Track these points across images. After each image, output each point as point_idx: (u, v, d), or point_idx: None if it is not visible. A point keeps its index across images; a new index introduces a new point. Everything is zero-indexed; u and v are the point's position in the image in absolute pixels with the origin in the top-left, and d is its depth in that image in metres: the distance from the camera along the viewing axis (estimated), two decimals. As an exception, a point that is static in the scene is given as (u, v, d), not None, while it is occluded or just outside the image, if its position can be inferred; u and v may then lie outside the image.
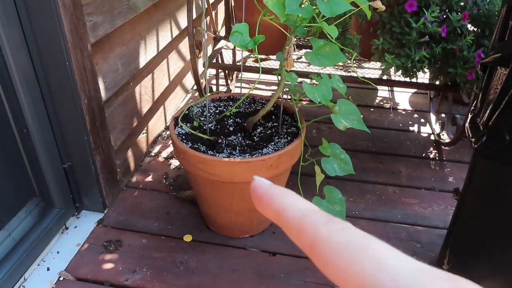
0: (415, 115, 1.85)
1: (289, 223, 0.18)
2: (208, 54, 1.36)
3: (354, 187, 1.42)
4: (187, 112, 1.18)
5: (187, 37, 1.82)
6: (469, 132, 0.82)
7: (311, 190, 1.28)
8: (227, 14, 1.62)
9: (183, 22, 1.71)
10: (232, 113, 1.21)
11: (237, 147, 1.11)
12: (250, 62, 2.22)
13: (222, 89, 1.86)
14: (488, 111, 0.75)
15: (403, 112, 1.87)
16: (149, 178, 1.44)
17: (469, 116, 0.87)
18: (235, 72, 1.98)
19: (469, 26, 1.21)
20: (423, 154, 1.59)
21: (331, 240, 0.16)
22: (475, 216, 0.87)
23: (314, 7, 0.88)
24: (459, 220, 0.92)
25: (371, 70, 2.10)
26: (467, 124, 0.86)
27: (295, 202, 0.19)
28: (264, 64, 1.96)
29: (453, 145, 1.50)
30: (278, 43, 1.42)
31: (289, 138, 1.11)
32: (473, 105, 0.87)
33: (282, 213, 0.19)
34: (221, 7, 1.95)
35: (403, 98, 1.97)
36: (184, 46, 1.79)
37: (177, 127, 1.13)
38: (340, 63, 2.08)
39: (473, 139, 0.79)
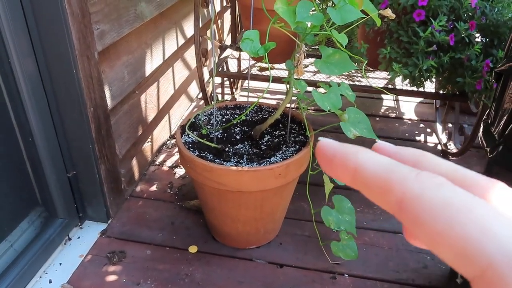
0: (421, 125, 1.83)
1: (370, 180, 0.16)
2: (213, 63, 1.36)
3: (361, 197, 1.39)
4: (193, 120, 1.17)
5: (193, 46, 1.82)
6: (483, 141, 0.80)
7: (319, 199, 1.27)
8: (233, 23, 1.62)
9: (189, 31, 1.71)
10: (239, 121, 1.20)
11: (244, 156, 1.09)
12: (254, 71, 2.22)
13: (227, 97, 1.85)
14: (503, 120, 0.73)
15: (409, 122, 1.86)
16: (154, 188, 1.42)
17: (482, 125, 0.85)
18: (240, 80, 1.98)
19: (477, 35, 1.21)
20: (430, 164, 1.57)
21: (425, 197, 0.14)
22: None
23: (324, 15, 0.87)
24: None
25: (376, 79, 2.09)
26: (480, 134, 0.84)
27: (374, 157, 0.17)
28: (272, 73, 1.96)
29: (461, 155, 1.49)
30: (284, 51, 1.41)
31: (297, 146, 1.10)
32: (486, 114, 0.86)
33: (360, 170, 0.16)
34: (227, 16, 1.96)
35: (409, 108, 1.96)
36: (189, 54, 1.78)
37: (183, 136, 1.12)
38: (345, 72, 2.08)
39: (487, 149, 0.78)
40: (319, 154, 0.18)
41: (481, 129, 0.84)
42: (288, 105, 1.11)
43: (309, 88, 1.06)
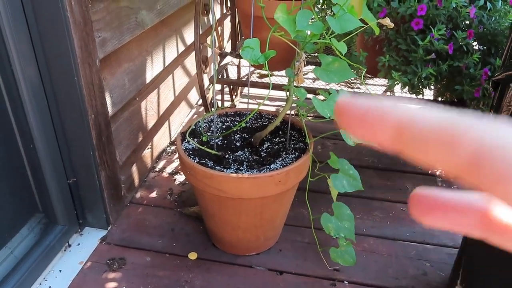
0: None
1: (425, 136, 0.13)
2: (213, 70, 1.37)
3: (361, 204, 1.40)
4: (193, 127, 1.18)
5: (193, 53, 1.83)
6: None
7: (318, 206, 1.27)
8: (233, 30, 1.63)
9: (189, 38, 1.73)
10: (239, 128, 1.20)
11: (244, 163, 1.10)
12: (254, 78, 2.23)
13: (227, 104, 1.86)
14: (501, 128, 0.74)
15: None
16: (154, 194, 1.42)
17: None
18: (239, 87, 1.99)
19: (475, 44, 1.22)
20: (429, 171, 1.58)
21: (507, 148, 0.12)
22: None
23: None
24: (471, 239, 0.90)
25: (375, 86, 2.10)
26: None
27: (420, 110, 0.14)
28: (271, 79, 1.97)
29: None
30: (283, 58, 1.42)
31: (296, 153, 1.10)
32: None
33: (409, 126, 0.14)
34: (227, 23, 1.97)
35: (407, 115, 1.97)
36: (189, 61, 1.79)
37: (184, 142, 1.12)
38: (344, 80, 2.09)
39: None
40: (342, 114, 0.15)
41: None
42: (287, 112, 1.12)
43: (308, 95, 1.06)
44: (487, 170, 0.12)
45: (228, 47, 1.72)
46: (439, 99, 1.43)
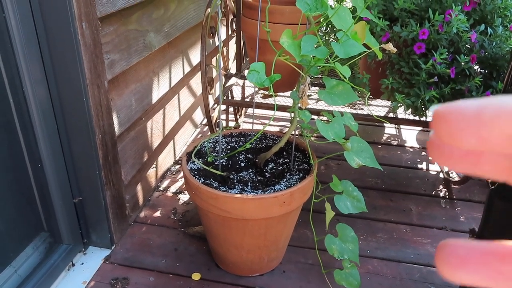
0: (423, 153, 1.85)
1: None
2: (219, 91, 1.39)
3: (364, 225, 1.40)
4: (199, 147, 1.19)
5: (198, 73, 1.87)
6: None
7: (322, 227, 1.27)
8: (238, 52, 1.66)
9: (195, 59, 1.76)
10: (244, 148, 1.21)
11: (249, 183, 1.10)
12: (257, 98, 2.26)
13: (231, 124, 1.88)
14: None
15: (411, 150, 1.87)
16: (158, 214, 1.42)
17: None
18: (244, 108, 2.01)
19: (476, 67, 1.24)
20: (433, 192, 1.58)
21: None
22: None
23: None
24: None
25: (377, 107, 2.12)
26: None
27: None
28: (272, 101, 1.99)
29: (463, 184, 1.50)
30: (286, 81, 1.45)
31: (301, 174, 1.11)
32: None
33: None
34: (232, 44, 2.01)
35: (410, 136, 1.99)
36: (194, 82, 1.82)
37: (189, 163, 1.13)
38: (348, 103, 2.11)
39: (489, 180, 0.79)
40: (440, 127, 0.14)
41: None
42: (292, 134, 1.13)
43: (312, 116, 1.08)
44: None
45: (233, 68, 1.75)
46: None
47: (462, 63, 1.17)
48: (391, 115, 2.00)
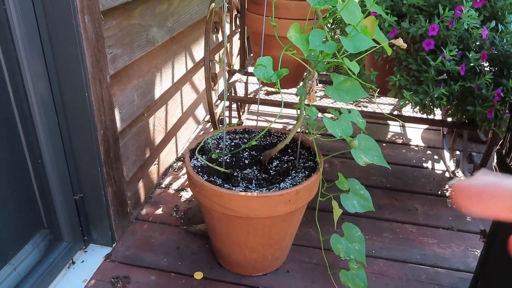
0: (428, 152, 1.83)
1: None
2: (223, 87, 1.37)
3: (369, 224, 1.38)
4: (202, 144, 1.17)
5: (201, 69, 1.84)
6: (498, 173, 0.79)
7: (327, 226, 1.25)
8: (242, 48, 1.64)
9: (197, 55, 1.73)
10: (249, 145, 1.19)
11: (253, 181, 1.08)
12: (261, 94, 2.23)
13: (234, 121, 1.86)
14: (519, 151, 0.73)
15: (416, 148, 1.85)
16: (159, 211, 1.40)
17: (496, 155, 0.85)
18: (247, 105, 1.99)
19: (486, 65, 1.21)
20: (439, 192, 1.55)
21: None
22: (506, 261, 0.83)
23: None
24: (488, 266, 0.88)
25: (382, 105, 2.10)
26: (494, 164, 0.83)
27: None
28: (278, 97, 1.97)
29: (470, 183, 1.47)
30: (291, 77, 1.42)
31: (306, 172, 1.09)
32: (500, 144, 0.85)
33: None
34: (235, 40, 1.98)
35: (415, 134, 1.96)
36: (197, 78, 1.80)
37: (192, 159, 1.11)
38: (356, 99, 2.09)
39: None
40: (458, 197, 0.22)
41: (495, 160, 0.83)
42: (298, 131, 1.11)
43: (322, 114, 1.05)
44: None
45: (236, 64, 1.73)
46: (449, 119, 1.42)
47: (472, 60, 1.14)
48: (395, 113, 1.98)
